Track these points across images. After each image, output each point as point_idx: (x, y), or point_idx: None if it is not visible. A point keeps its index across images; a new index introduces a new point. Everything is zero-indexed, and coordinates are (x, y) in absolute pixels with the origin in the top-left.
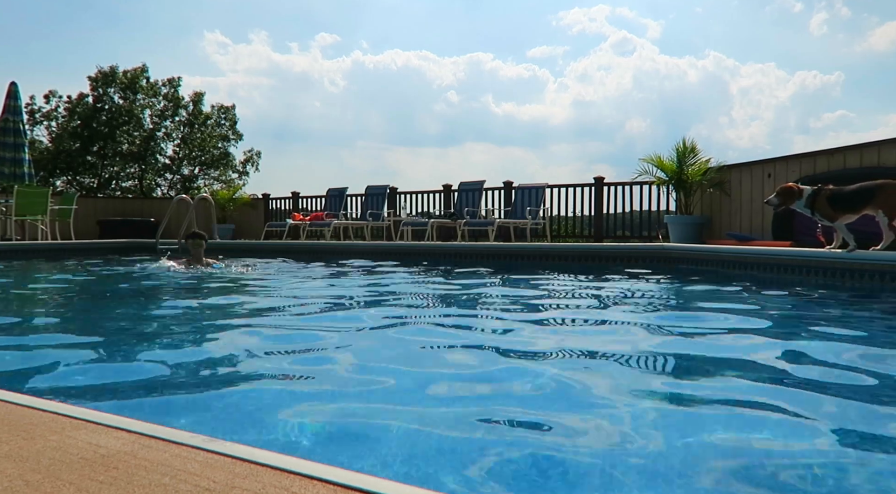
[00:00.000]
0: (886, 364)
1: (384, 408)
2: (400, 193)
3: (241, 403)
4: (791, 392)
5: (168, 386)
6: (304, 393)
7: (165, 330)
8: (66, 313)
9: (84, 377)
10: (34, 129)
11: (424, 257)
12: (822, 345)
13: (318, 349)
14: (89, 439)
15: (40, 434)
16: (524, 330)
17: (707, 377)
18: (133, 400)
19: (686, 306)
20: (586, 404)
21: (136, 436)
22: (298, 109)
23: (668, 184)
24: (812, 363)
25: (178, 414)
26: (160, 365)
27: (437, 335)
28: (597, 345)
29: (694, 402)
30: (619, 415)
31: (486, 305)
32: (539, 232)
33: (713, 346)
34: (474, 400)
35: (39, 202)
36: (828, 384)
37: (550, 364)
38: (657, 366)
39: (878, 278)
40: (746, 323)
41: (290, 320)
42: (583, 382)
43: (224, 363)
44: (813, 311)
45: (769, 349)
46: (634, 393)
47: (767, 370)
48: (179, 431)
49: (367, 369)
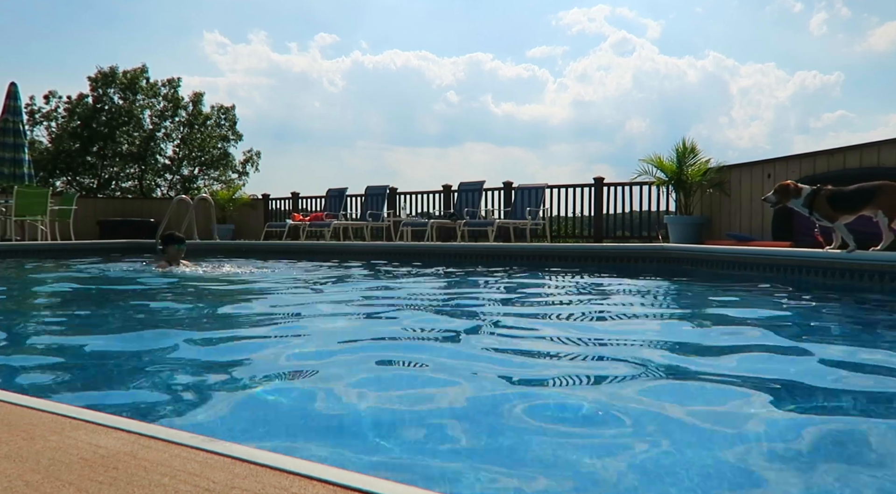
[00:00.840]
0: (883, 363)
1: (378, 409)
2: (400, 194)
3: (239, 404)
4: (788, 392)
5: (159, 386)
6: (300, 394)
7: (157, 331)
8: (60, 313)
9: (78, 377)
10: (34, 130)
11: (424, 257)
12: (823, 348)
13: (308, 351)
14: (89, 439)
15: (40, 435)
16: (523, 331)
17: (704, 381)
18: (131, 400)
19: (685, 306)
20: (586, 410)
21: (136, 437)
22: (298, 109)
23: (667, 184)
24: (813, 364)
25: (177, 414)
26: (143, 365)
27: (430, 337)
28: (595, 347)
29: (694, 406)
30: (619, 418)
31: (485, 305)
32: (539, 232)
33: (712, 347)
34: (471, 404)
35: (39, 202)
36: (830, 386)
37: (552, 368)
38: (657, 370)
39: (878, 278)
40: (745, 324)
41: (279, 322)
42: (583, 388)
43: (216, 366)
44: (812, 312)
45: (769, 350)
46: (633, 395)
47: (768, 370)
48: (179, 431)
49: (355, 369)
